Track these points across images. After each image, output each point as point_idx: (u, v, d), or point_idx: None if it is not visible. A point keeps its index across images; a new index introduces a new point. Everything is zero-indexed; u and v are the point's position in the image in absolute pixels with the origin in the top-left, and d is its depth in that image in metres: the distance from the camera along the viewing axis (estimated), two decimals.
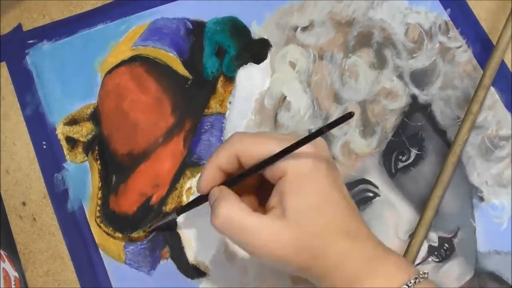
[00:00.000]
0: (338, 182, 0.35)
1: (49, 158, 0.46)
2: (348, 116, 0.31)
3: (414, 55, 0.48)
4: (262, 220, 0.34)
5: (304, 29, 0.48)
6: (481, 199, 0.44)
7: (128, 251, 0.43)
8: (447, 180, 0.43)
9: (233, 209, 0.34)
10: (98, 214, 0.44)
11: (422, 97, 0.47)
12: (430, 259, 0.43)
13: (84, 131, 0.46)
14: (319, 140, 0.36)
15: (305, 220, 0.34)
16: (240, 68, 0.48)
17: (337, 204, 0.34)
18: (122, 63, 0.48)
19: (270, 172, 0.35)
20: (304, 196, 0.34)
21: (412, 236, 0.42)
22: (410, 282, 0.33)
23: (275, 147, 0.34)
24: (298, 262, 0.34)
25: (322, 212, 0.34)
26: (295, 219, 0.33)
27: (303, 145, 0.33)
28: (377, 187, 0.45)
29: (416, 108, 0.47)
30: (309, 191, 0.34)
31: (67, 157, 0.46)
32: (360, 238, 0.35)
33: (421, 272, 0.34)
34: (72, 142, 0.46)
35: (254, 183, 0.39)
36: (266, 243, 0.33)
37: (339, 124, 0.32)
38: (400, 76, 0.47)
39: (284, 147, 0.34)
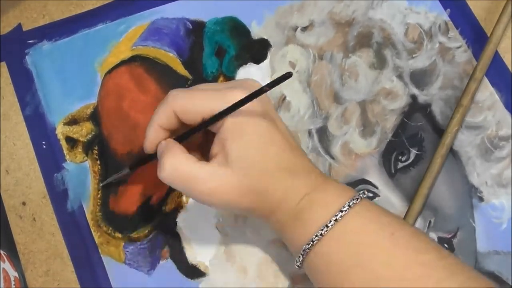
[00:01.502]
0: (277, 123, 0.37)
1: (49, 158, 0.46)
2: (287, 75, 0.32)
3: (414, 55, 0.48)
4: (206, 168, 0.35)
5: (304, 29, 0.48)
6: (481, 199, 0.44)
7: (127, 251, 0.43)
8: (436, 171, 0.43)
9: (178, 159, 0.35)
10: (98, 214, 0.44)
11: (422, 97, 0.47)
12: None
13: (84, 131, 0.46)
14: (251, 81, 0.38)
15: (247, 163, 0.35)
16: (240, 68, 0.48)
17: (277, 144, 0.36)
18: (122, 63, 0.48)
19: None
20: (244, 141, 0.35)
21: None
22: (344, 207, 0.34)
23: (210, 102, 0.35)
24: (245, 204, 0.36)
25: (263, 153, 0.35)
26: (237, 164, 0.35)
27: (245, 103, 0.34)
28: (376, 187, 0.45)
29: (416, 108, 0.47)
30: (248, 135, 0.35)
31: (67, 157, 0.46)
32: (302, 173, 0.36)
33: (357, 195, 0.36)
34: (72, 142, 0.46)
35: (197, 138, 0.40)
36: (211, 190, 0.35)
37: (280, 83, 0.33)
38: (400, 76, 0.47)
39: (218, 99, 0.35)
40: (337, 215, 0.34)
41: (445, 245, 0.43)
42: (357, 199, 0.35)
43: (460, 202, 0.45)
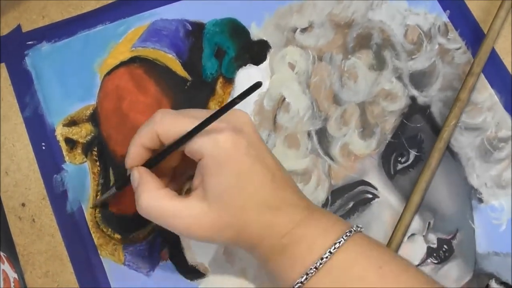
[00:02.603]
0: (261, 155, 0.36)
1: (48, 159, 0.46)
2: (258, 84, 0.32)
3: (413, 57, 0.48)
4: (182, 204, 0.35)
5: (303, 30, 0.48)
6: (480, 200, 0.44)
7: (127, 252, 0.43)
8: (434, 165, 0.44)
9: (153, 197, 0.35)
10: (97, 215, 0.44)
11: (421, 99, 0.47)
12: (429, 260, 0.43)
13: (83, 132, 0.46)
14: (240, 112, 0.36)
15: (225, 199, 0.35)
16: (239, 69, 0.48)
17: (258, 180, 0.35)
18: (121, 64, 0.48)
19: (190, 153, 0.36)
20: (223, 177, 0.34)
21: (398, 221, 0.43)
22: (332, 247, 0.34)
23: (192, 125, 0.34)
24: (224, 239, 0.36)
25: (241, 190, 0.35)
26: (215, 200, 0.35)
27: (216, 119, 0.33)
28: (376, 189, 0.45)
29: (415, 110, 0.47)
30: (227, 171, 0.34)
31: (66, 158, 0.46)
32: (285, 208, 0.36)
33: (346, 231, 0.35)
34: (71, 143, 0.46)
35: (173, 162, 0.39)
36: (189, 226, 0.35)
37: (250, 93, 0.32)
38: (399, 78, 0.47)
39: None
40: (325, 255, 0.34)
41: (444, 246, 0.43)
42: (346, 236, 0.34)
43: (459, 203, 0.45)
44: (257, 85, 0.32)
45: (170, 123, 0.36)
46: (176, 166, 0.40)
